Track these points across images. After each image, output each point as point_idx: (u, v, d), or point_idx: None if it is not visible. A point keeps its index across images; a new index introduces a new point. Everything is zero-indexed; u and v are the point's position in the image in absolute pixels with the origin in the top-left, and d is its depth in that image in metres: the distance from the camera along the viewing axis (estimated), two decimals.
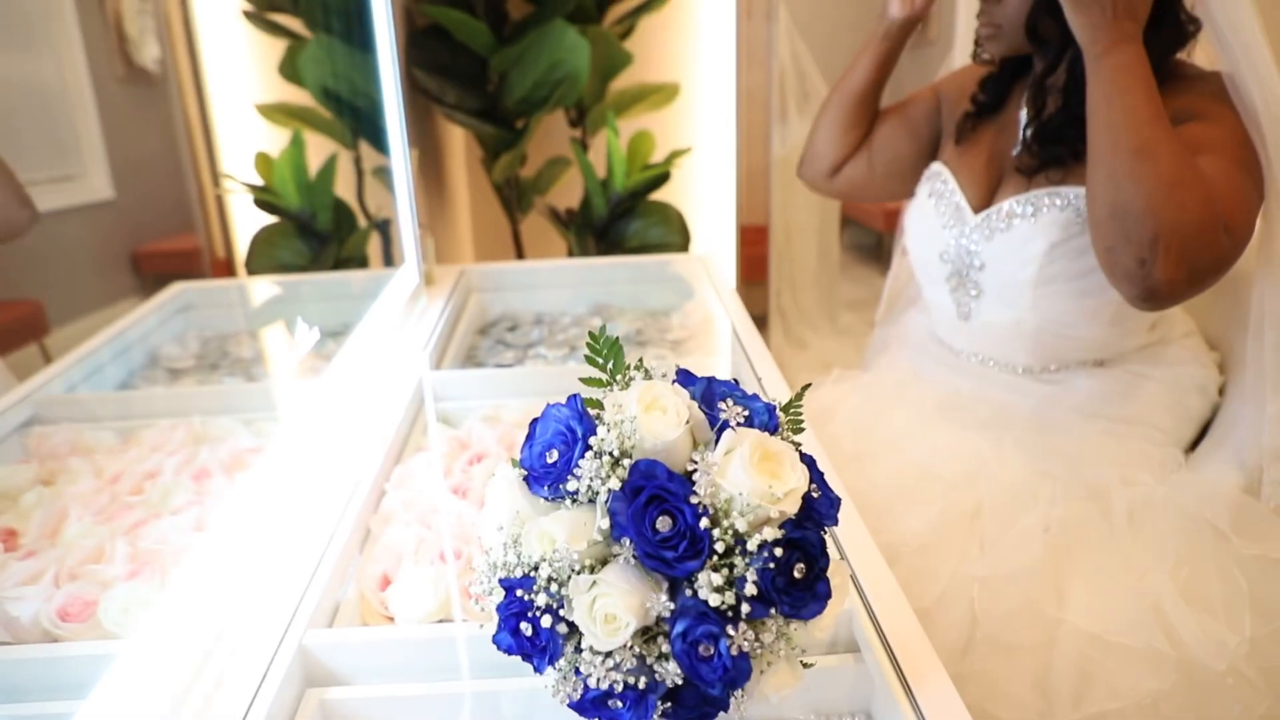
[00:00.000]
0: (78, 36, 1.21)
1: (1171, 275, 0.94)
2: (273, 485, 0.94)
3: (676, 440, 0.54)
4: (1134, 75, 0.97)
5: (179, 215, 1.50)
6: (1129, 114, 0.96)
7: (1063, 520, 1.05)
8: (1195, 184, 0.94)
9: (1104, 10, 0.97)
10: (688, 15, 2.33)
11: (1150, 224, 0.94)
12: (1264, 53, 1.00)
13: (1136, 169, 0.95)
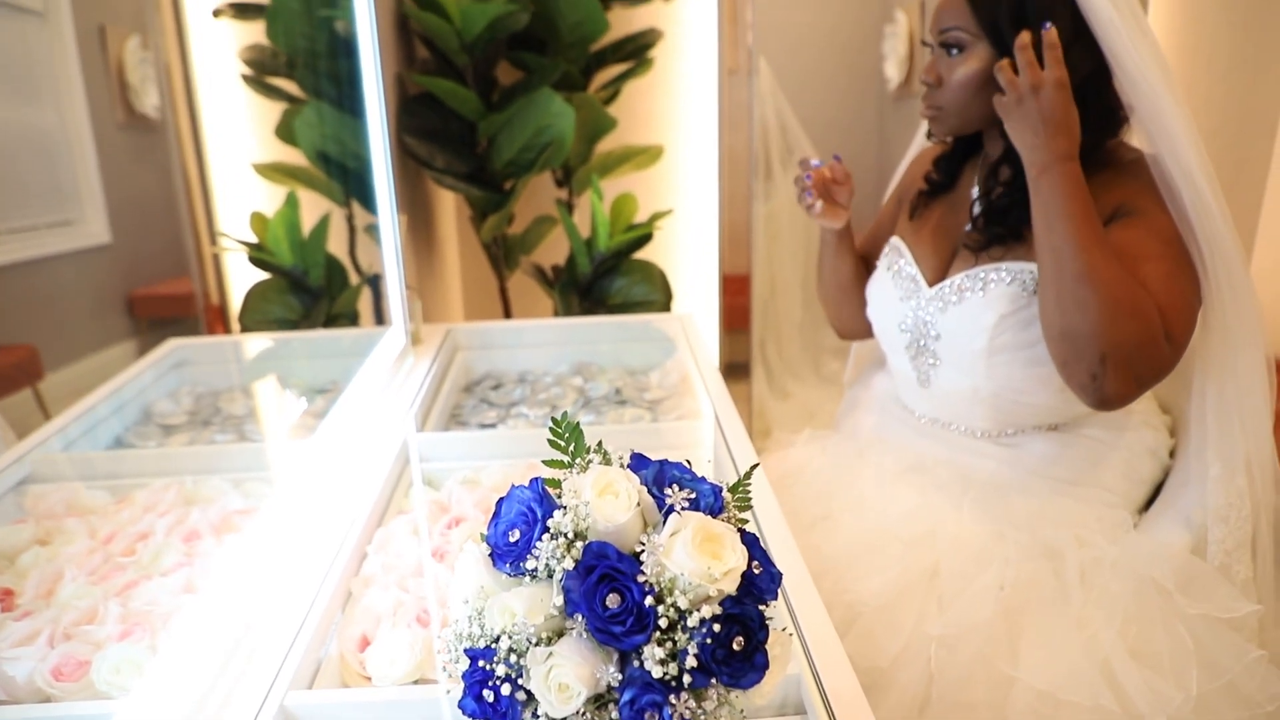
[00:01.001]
0: (80, 84, 1.25)
1: (1120, 389, 1.05)
2: (259, 547, 0.98)
3: (627, 523, 0.59)
4: (1070, 196, 1.05)
5: (174, 260, 1.53)
6: (1069, 239, 1.04)
7: (1017, 580, 1.09)
8: (1136, 306, 1.03)
9: (1036, 132, 1.05)
10: (671, 80, 2.41)
11: (1097, 345, 1.03)
12: (1183, 140, 1.07)
13: (1080, 294, 1.03)
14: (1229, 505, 1.15)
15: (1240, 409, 1.15)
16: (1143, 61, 1.07)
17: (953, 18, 1.15)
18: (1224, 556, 1.14)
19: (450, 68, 1.99)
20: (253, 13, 1.76)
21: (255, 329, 1.73)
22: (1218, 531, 1.14)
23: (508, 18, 1.88)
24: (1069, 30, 1.09)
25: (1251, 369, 1.13)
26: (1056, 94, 1.04)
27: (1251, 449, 1.15)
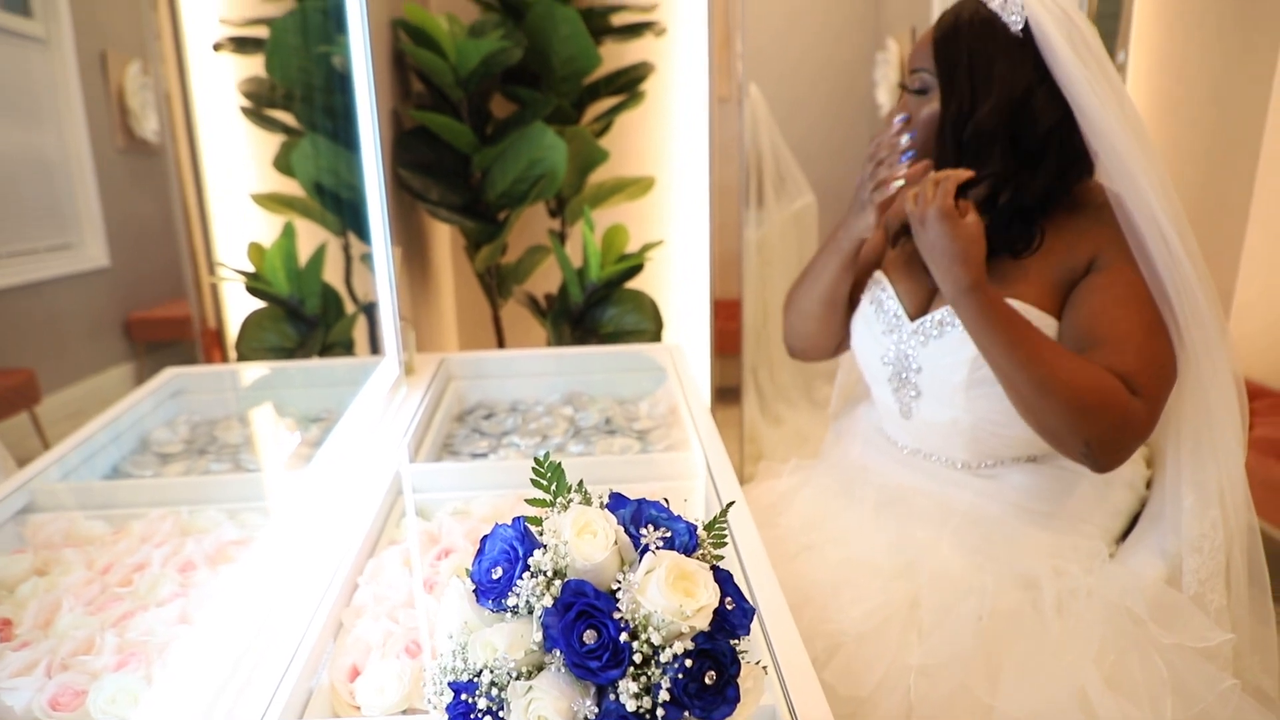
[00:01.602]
0: (80, 109, 1.26)
1: (1112, 459, 1.12)
2: (253, 578, 1.01)
3: (604, 562, 0.62)
4: (986, 323, 1.11)
5: (172, 283, 1.54)
6: (1008, 358, 1.10)
7: (995, 610, 1.12)
8: (1100, 397, 1.08)
9: (936, 264, 1.12)
10: (662, 112, 2.46)
11: (1077, 437, 1.09)
12: (1146, 182, 1.11)
13: (1042, 403, 1.09)
14: (1203, 535, 1.17)
15: (1213, 441, 1.18)
16: (1104, 107, 1.11)
17: (921, 60, 1.21)
18: (1199, 586, 1.17)
19: (445, 102, 2.03)
20: (252, 47, 1.80)
21: (251, 357, 1.75)
22: (1192, 561, 1.17)
23: (501, 53, 1.92)
24: (1032, 77, 1.13)
25: (1222, 403, 1.16)
26: (940, 225, 1.10)
27: (1224, 480, 1.18)
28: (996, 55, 1.15)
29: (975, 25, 1.16)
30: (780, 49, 4.58)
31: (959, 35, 1.17)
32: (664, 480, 1.28)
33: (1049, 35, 1.13)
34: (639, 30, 2.21)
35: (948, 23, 1.19)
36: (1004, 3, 1.16)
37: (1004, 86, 1.15)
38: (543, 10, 2.00)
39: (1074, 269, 1.17)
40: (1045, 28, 1.13)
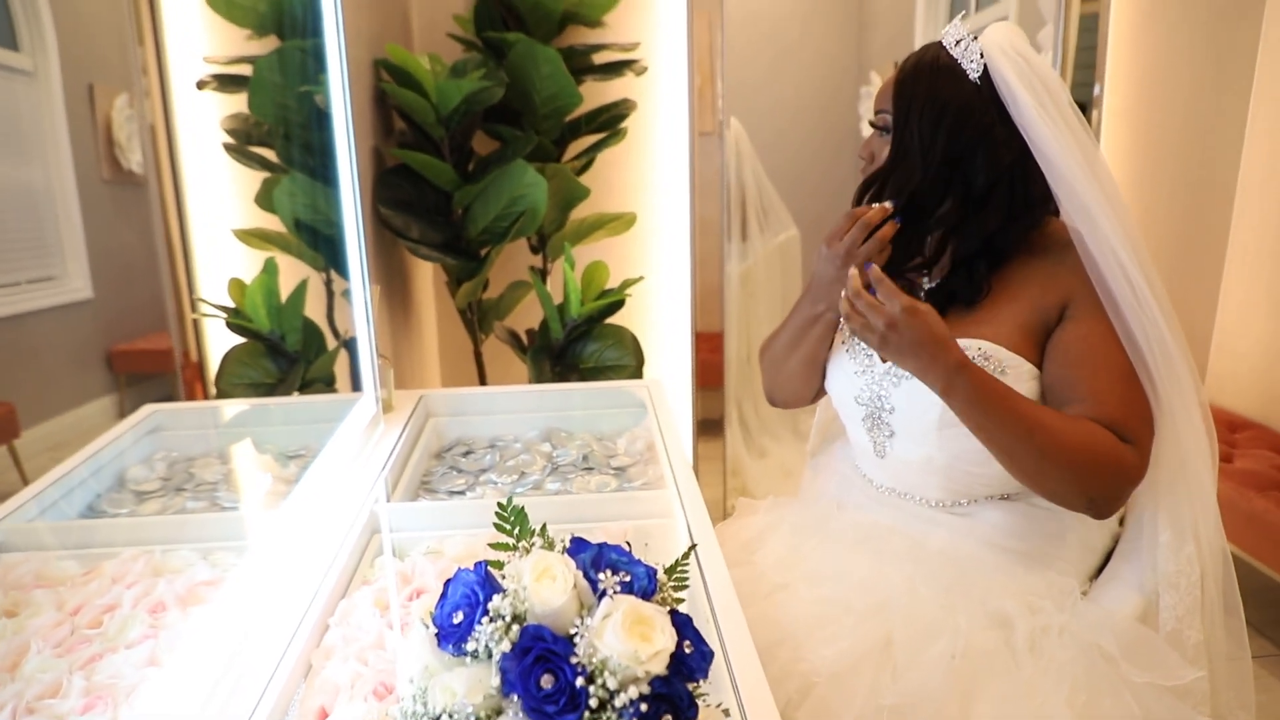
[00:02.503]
0: (66, 141, 1.26)
1: (1113, 507, 1.15)
2: (224, 619, 1.00)
3: (562, 606, 0.62)
4: (983, 400, 1.11)
5: (154, 316, 1.54)
6: (1008, 432, 1.11)
7: (968, 649, 1.12)
8: (1099, 456, 1.10)
9: (919, 358, 1.11)
10: (644, 148, 2.48)
11: (1081, 495, 1.13)
12: (1112, 226, 1.13)
13: (1046, 469, 1.11)
14: (1179, 571, 1.18)
15: (1186, 478, 1.19)
16: (1064, 151, 1.13)
17: (884, 101, 1.24)
18: (1175, 623, 1.17)
19: (427, 140, 2.05)
20: (235, 85, 1.81)
21: (232, 392, 1.75)
22: (1169, 598, 1.18)
23: (482, 92, 1.95)
24: (986, 122, 1.16)
25: (1194, 440, 1.18)
26: (911, 319, 1.09)
27: (1198, 517, 1.19)
28: (951, 100, 1.17)
29: (934, 70, 1.19)
30: (764, 84, 4.64)
31: (917, 79, 1.20)
32: (639, 519, 1.28)
33: (1008, 81, 1.15)
34: (620, 69, 2.24)
35: (908, 67, 1.22)
36: (963, 50, 1.18)
37: (955, 131, 1.17)
38: (524, 50, 2.03)
39: (1045, 311, 1.19)
40: (1004, 74, 1.16)
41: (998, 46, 1.17)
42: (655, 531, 1.26)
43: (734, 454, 3.48)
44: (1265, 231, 2.73)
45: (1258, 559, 2.26)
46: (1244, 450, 2.56)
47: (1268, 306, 2.73)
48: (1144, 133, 2.78)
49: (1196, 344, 2.95)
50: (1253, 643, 2.34)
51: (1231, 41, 2.72)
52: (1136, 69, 2.74)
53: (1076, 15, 2.72)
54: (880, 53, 4.35)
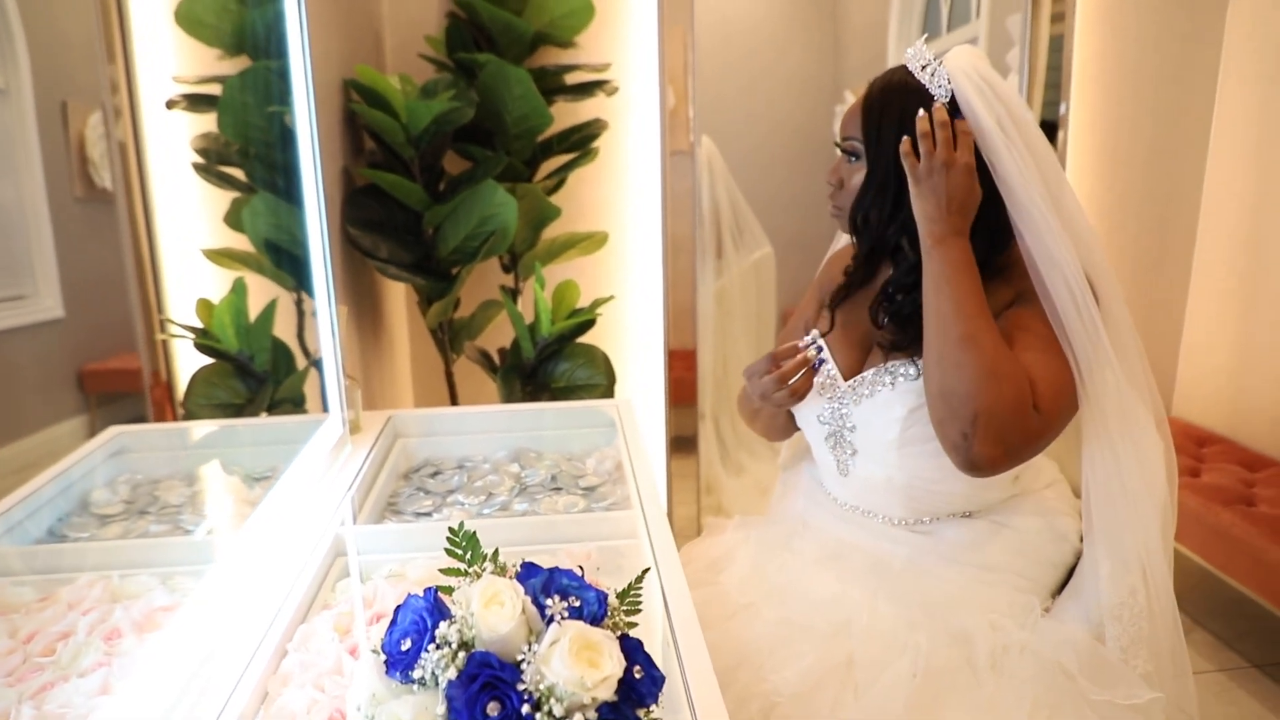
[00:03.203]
0: (38, 159, 1.24)
1: (989, 451, 1.10)
2: (180, 646, 0.99)
3: (510, 632, 0.62)
4: (960, 268, 1.12)
5: (125, 335, 1.53)
6: (955, 305, 1.11)
7: (930, 667, 1.12)
8: (1010, 373, 1.09)
9: (939, 204, 1.13)
10: (616, 168, 2.49)
11: (971, 405, 1.09)
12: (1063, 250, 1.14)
13: (960, 356, 1.10)
14: (1122, 604, 1.17)
15: (1129, 510, 1.18)
16: (1025, 180, 1.14)
17: (852, 128, 1.24)
18: (1121, 653, 1.17)
19: (397, 160, 2.05)
20: (205, 105, 1.81)
21: (200, 413, 1.74)
22: (1113, 629, 1.17)
23: (453, 113, 1.95)
24: None
25: (1139, 472, 1.18)
26: (964, 176, 1.13)
27: (1143, 550, 1.18)
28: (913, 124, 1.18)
29: (903, 94, 1.19)
30: (739, 103, 4.67)
31: (886, 104, 1.20)
32: (604, 540, 1.28)
33: (972, 105, 1.16)
34: (591, 89, 2.26)
35: (875, 92, 1.23)
36: (930, 74, 1.19)
37: None
38: (495, 70, 2.03)
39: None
40: (969, 98, 1.16)
41: (962, 71, 1.18)
42: (621, 552, 1.26)
43: (710, 471, 3.48)
44: (1230, 247, 2.77)
45: (1225, 573, 2.28)
46: (1211, 465, 2.58)
47: (1234, 322, 2.77)
48: (1110, 151, 2.82)
49: (1164, 360, 2.99)
50: (1221, 655, 2.37)
51: (1193, 61, 2.77)
52: (1101, 88, 2.78)
53: (1045, 36, 2.76)
54: (854, 72, 4.39)
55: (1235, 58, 2.72)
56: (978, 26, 3.20)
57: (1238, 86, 2.71)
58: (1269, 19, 2.58)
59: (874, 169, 1.21)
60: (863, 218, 1.24)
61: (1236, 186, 2.73)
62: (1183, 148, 2.84)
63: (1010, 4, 2.94)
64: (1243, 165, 2.70)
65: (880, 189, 1.21)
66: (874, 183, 1.22)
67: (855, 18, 4.54)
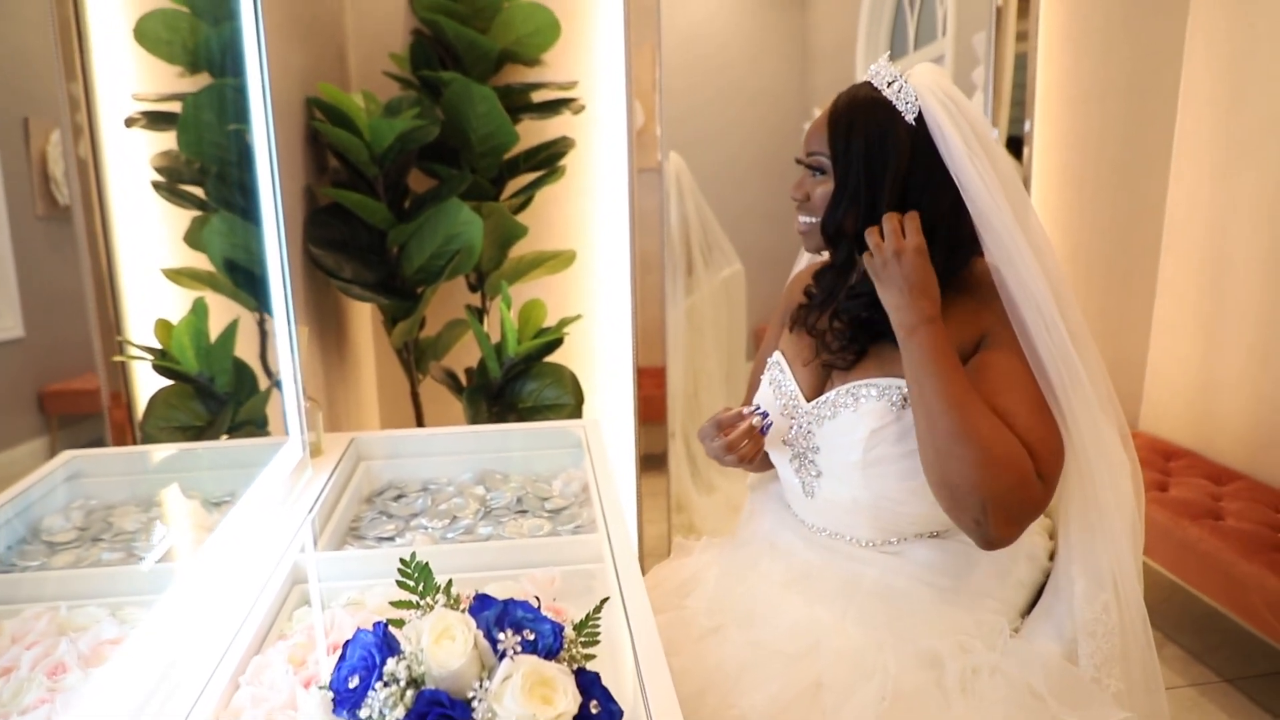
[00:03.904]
0: None
1: (1003, 532, 1.12)
2: (127, 680, 0.96)
3: (462, 668, 0.60)
4: (937, 355, 1.12)
5: (86, 356, 1.50)
6: (940, 394, 1.10)
7: (899, 690, 1.11)
8: (1007, 455, 1.09)
9: (901, 291, 1.13)
10: (583, 185, 2.48)
11: (976, 495, 1.09)
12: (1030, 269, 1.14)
13: (955, 449, 1.09)
14: (1096, 620, 1.18)
15: (1102, 526, 1.19)
16: (991, 195, 1.14)
17: (817, 143, 1.23)
18: (1095, 670, 1.16)
19: (360, 178, 2.03)
20: (165, 123, 1.78)
21: (159, 436, 1.70)
22: (1087, 646, 1.17)
23: (417, 131, 1.93)
24: (924, 163, 1.16)
25: (1111, 487, 1.18)
26: (916, 259, 1.13)
27: (1115, 567, 1.19)
28: (890, 141, 1.17)
29: (870, 110, 1.19)
30: (708, 120, 4.69)
31: (854, 120, 1.20)
32: (570, 564, 1.25)
33: (940, 123, 1.16)
34: (558, 107, 2.24)
35: (842, 107, 1.22)
36: (898, 91, 1.18)
37: (898, 171, 1.17)
38: (460, 88, 2.02)
39: (963, 348, 1.19)
40: (937, 116, 1.16)
41: (927, 88, 1.18)
42: (589, 576, 1.24)
43: (681, 490, 3.46)
44: (1193, 263, 2.80)
45: (1195, 587, 2.29)
46: (1179, 479, 2.60)
47: (1198, 336, 2.79)
48: (1074, 168, 2.85)
49: (1131, 375, 3.01)
50: (1191, 669, 2.37)
51: (1154, 80, 2.81)
52: (1065, 106, 2.81)
53: (1010, 54, 2.79)
54: (822, 90, 4.42)
55: (1195, 77, 2.76)
56: (944, 44, 3.23)
57: (1198, 105, 2.75)
58: (1226, 39, 2.62)
59: (844, 181, 1.21)
60: (835, 229, 1.23)
61: (1199, 203, 2.77)
62: (1146, 165, 2.87)
63: (975, 23, 2.97)
64: (1204, 182, 2.74)
65: (852, 199, 1.20)
66: (845, 194, 1.21)
67: (823, 36, 4.58)
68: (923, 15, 3.59)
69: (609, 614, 0.91)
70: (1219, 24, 2.65)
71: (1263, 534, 2.18)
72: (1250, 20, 2.54)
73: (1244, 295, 2.60)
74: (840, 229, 1.23)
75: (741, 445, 1.28)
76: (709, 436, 1.31)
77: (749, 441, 1.29)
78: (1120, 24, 2.75)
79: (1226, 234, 2.66)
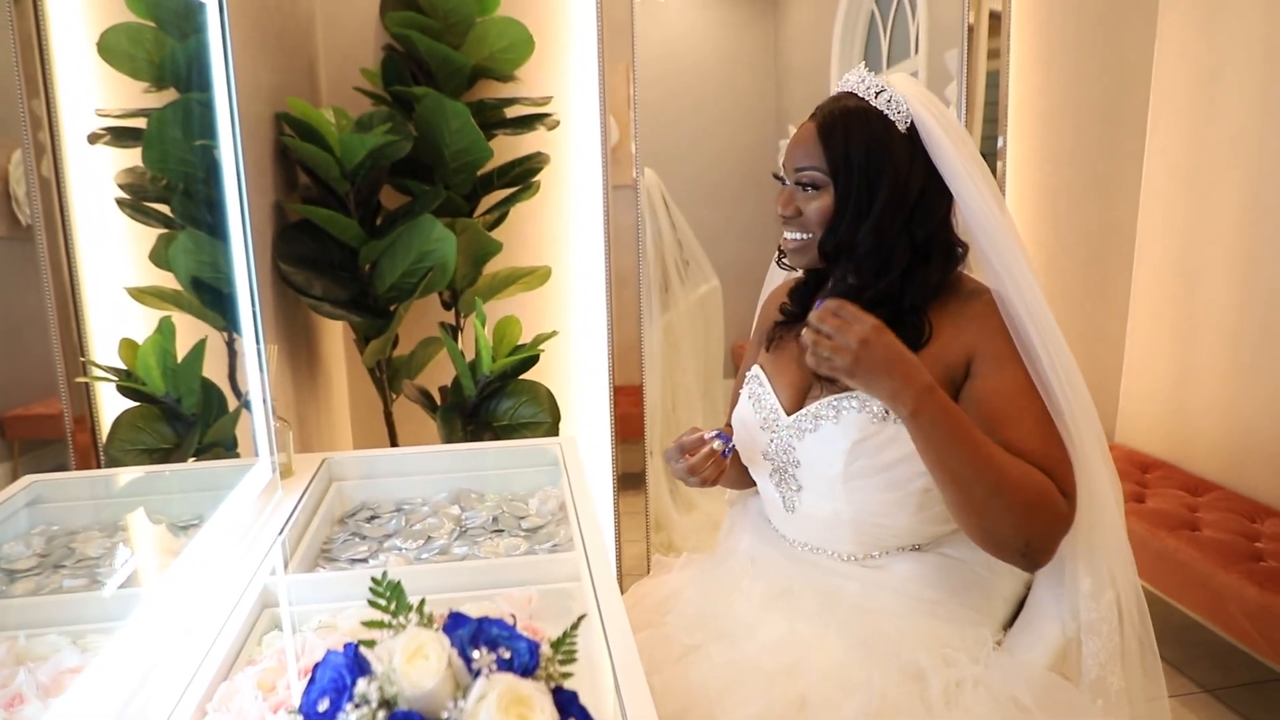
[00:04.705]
0: None
1: (1047, 557, 1.14)
2: (90, 710, 0.92)
3: (435, 687, 0.57)
4: (951, 425, 1.08)
5: (49, 380, 1.46)
6: (967, 465, 1.08)
7: (883, 706, 1.09)
8: (1043, 498, 1.10)
9: (891, 376, 1.08)
10: (558, 202, 2.47)
11: (1020, 538, 1.11)
12: (1028, 277, 1.14)
13: (992, 507, 1.09)
14: (1101, 619, 1.18)
15: (1101, 525, 1.19)
16: (985, 203, 1.14)
17: (808, 159, 1.20)
18: (1099, 669, 1.17)
19: (331, 195, 2.00)
20: (129, 139, 1.75)
21: (123, 459, 1.66)
22: (1092, 645, 1.17)
23: (388, 147, 1.91)
24: (921, 172, 1.16)
25: (1105, 486, 1.18)
26: (876, 335, 1.07)
27: (1114, 565, 1.19)
28: (889, 151, 1.16)
29: (864, 121, 1.17)
30: (683, 136, 4.69)
31: (850, 132, 1.17)
32: (547, 583, 1.22)
33: (933, 132, 1.15)
34: (532, 123, 2.23)
35: (834, 119, 1.19)
36: (888, 101, 1.17)
37: (897, 182, 1.16)
38: (433, 104, 2.00)
39: (950, 364, 1.18)
40: (930, 126, 1.16)
41: (915, 97, 1.17)
42: (567, 595, 1.21)
43: (659, 507, 3.43)
44: (1166, 276, 2.82)
45: (1173, 597, 2.29)
46: (1155, 490, 2.61)
47: (1172, 349, 2.81)
48: (1047, 183, 2.87)
49: (1106, 387, 3.03)
50: (1174, 681, 2.37)
51: (1125, 96, 2.84)
52: (1038, 122, 2.84)
53: (983, 71, 2.81)
54: (797, 107, 4.43)
55: (1164, 92, 2.79)
56: (917, 62, 3.25)
57: (1168, 120, 2.79)
58: (1195, 55, 2.66)
59: (845, 194, 1.18)
60: (839, 243, 1.20)
61: (1170, 216, 2.79)
62: (1118, 179, 2.90)
63: (947, 40, 2.99)
64: (1175, 195, 2.77)
65: (854, 213, 1.18)
66: (847, 208, 1.18)
67: (797, 53, 4.61)
68: (895, 33, 3.62)
69: (588, 633, 0.89)
70: (1187, 40, 2.69)
71: (1239, 544, 2.19)
72: (1217, 38, 2.58)
73: (1216, 307, 2.63)
74: (839, 244, 1.21)
75: (705, 468, 1.28)
76: (673, 458, 1.31)
77: (712, 465, 1.28)
78: (1090, 41, 2.78)
79: (1198, 247, 2.69)
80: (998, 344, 1.16)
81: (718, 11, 4.35)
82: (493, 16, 2.16)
